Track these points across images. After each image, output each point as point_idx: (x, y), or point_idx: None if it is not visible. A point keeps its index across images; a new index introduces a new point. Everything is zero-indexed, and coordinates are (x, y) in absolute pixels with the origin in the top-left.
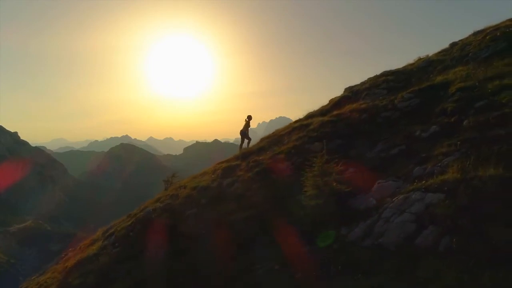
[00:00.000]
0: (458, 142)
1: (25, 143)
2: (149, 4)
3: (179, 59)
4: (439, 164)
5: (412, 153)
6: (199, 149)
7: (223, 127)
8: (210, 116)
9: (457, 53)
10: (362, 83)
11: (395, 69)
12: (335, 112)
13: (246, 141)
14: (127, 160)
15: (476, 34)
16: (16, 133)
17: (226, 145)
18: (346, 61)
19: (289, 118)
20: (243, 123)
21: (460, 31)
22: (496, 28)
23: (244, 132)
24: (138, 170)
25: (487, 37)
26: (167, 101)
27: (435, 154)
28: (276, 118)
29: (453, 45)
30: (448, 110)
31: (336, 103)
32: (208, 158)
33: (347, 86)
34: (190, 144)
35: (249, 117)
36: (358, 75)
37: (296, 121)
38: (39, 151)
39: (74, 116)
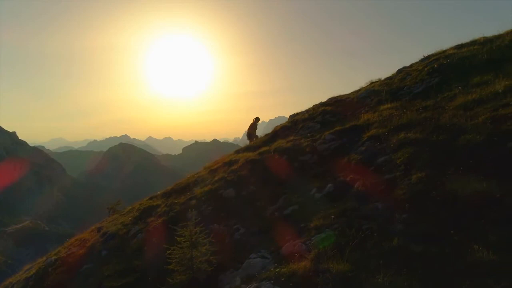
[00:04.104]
0: (332, 216)
1: (23, 143)
2: (148, 4)
3: (179, 59)
4: (308, 242)
5: (300, 217)
6: (198, 149)
7: (222, 127)
8: (209, 116)
9: (396, 84)
10: (306, 111)
11: (339, 97)
12: (262, 149)
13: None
14: (126, 160)
15: (423, 60)
16: (14, 132)
17: (225, 144)
18: (346, 61)
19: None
20: (243, 122)
21: (460, 30)
22: (440, 56)
23: (250, 134)
24: (137, 170)
25: (426, 69)
26: (166, 100)
27: (312, 226)
28: (276, 117)
29: (399, 72)
30: (351, 164)
31: (274, 134)
32: (207, 158)
33: (347, 86)
34: (189, 144)
35: (257, 119)
36: (358, 75)
37: (229, 155)
38: (37, 151)
39: (73, 115)
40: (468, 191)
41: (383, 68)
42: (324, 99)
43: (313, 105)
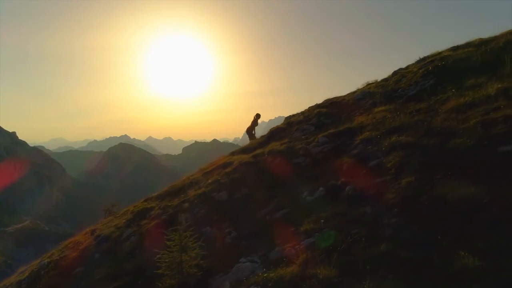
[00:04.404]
0: (322, 221)
1: (22, 143)
2: (148, 4)
3: (179, 59)
4: (297, 246)
5: (291, 221)
6: (198, 149)
7: (222, 127)
8: (209, 116)
9: (391, 86)
10: (302, 113)
11: (335, 98)
12: (257, 151)
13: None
14: (125, 160)
15: (419, 61)
16: (14, 133)
17: (225, 145)
18: (346, 61)
19: None
20: (243, 122)
21: (460, 30)
22: (435, 58)
23: (249, 131)
24: (137, 170)
25: (421, 71)
26: (166, 100)
27: (301, 230)
28: (275, 118)
29: (394, 74)
30: (344, 167)
31: (270, 136)
32: (207, 158)
33: (347, 86)
34: (189, 144)
35: (258, 116)
36: (358, 75)
37: (225, 157)
38: (37, 151)
39: (73, 115)
40: (457, 196)
41: (383, 68)
42: (322, 100)
43: (309, 107)
